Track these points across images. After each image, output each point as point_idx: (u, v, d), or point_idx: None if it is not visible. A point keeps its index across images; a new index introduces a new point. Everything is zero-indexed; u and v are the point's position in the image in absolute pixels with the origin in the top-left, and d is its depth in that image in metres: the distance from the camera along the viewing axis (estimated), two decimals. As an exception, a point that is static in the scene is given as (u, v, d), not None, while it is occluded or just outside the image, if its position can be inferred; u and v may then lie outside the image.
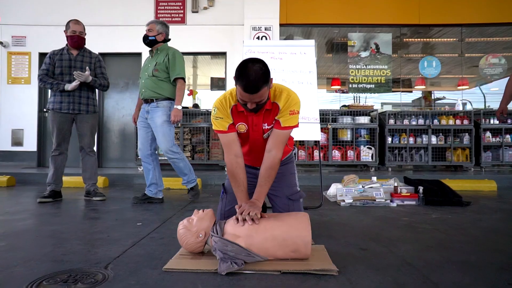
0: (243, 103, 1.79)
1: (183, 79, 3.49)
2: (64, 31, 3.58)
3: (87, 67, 3.52)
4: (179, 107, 3.46)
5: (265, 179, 1.88)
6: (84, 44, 3.67)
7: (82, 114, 3.59)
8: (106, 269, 1.58)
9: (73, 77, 3.47)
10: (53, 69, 3.55)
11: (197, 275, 1.50)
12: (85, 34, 3.66)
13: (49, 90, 3.68)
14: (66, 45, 3.61)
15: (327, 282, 1.44)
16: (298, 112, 1.91)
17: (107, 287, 1.38)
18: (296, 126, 1.93)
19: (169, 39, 3.63)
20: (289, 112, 1.87)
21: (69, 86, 3.46)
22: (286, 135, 1.94)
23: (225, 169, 5.89)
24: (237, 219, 1.70)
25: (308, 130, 3.48)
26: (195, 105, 6.78)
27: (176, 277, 1.49)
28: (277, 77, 3.68)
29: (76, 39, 3.55)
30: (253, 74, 1.67)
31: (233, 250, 1.57)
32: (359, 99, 7.83)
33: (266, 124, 1.93)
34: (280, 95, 1.88)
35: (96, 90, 3.75)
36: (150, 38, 3.51)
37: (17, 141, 6.84)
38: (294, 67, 3.71)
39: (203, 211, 1.80)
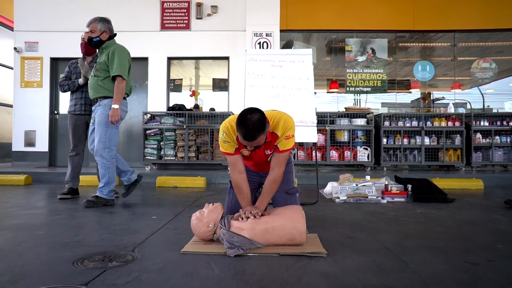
0: (244, 145, 2.06)
1: (121, 76, 3.32)
2: None
3: (86, 63, 3.72)
4: (116, 106, 3.29)
5: (267, 191, 2.21)
6: (93, 52, 3.82)
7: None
8: (133, 252, 1.90)
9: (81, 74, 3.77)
10: (71, 76, 3.94)
11: (210, 256, 1.81)
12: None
13: (63, 95, 3.92)
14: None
15: (317, 262, 1.75)
16: (293, 136, 2.19)
17: (137, 265, 1.69)
18: (293, 147, 2.25)
19: (115, 35, 3.51)
20: (285, 137, 2.16)
21: (80, 80, 3.77)
22: (285, 156, 2.23)
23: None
24: (241, 218, 2.01)
25: (306, 133, 3.78)
26: (196, 106, 7.07)
27: (193, 257, 1.80)
28: (277, 83, 3.99)
29: (83, 46, 3.76)
30: (251, 125, 1.91)
31: (238, 241, 1.87)
32: (359, 102, 8.18)
33: (268, 151, 2.22)
34: (277, 125, 2.14)
35: None
36: (94, 40, 3.37)
37: (29, 142, 7.17)
38: (293, 74, 4.00)
39: (213, 204, 2.11)
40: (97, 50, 3.55)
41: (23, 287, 1.40)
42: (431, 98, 8.56)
